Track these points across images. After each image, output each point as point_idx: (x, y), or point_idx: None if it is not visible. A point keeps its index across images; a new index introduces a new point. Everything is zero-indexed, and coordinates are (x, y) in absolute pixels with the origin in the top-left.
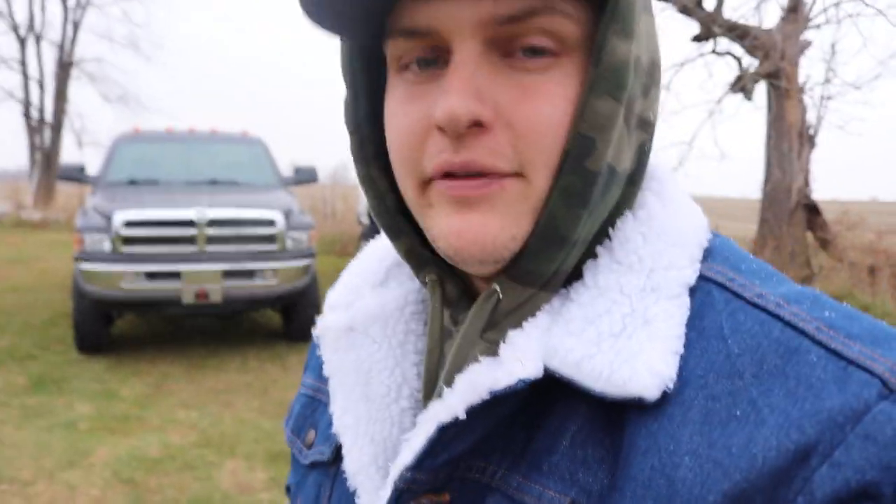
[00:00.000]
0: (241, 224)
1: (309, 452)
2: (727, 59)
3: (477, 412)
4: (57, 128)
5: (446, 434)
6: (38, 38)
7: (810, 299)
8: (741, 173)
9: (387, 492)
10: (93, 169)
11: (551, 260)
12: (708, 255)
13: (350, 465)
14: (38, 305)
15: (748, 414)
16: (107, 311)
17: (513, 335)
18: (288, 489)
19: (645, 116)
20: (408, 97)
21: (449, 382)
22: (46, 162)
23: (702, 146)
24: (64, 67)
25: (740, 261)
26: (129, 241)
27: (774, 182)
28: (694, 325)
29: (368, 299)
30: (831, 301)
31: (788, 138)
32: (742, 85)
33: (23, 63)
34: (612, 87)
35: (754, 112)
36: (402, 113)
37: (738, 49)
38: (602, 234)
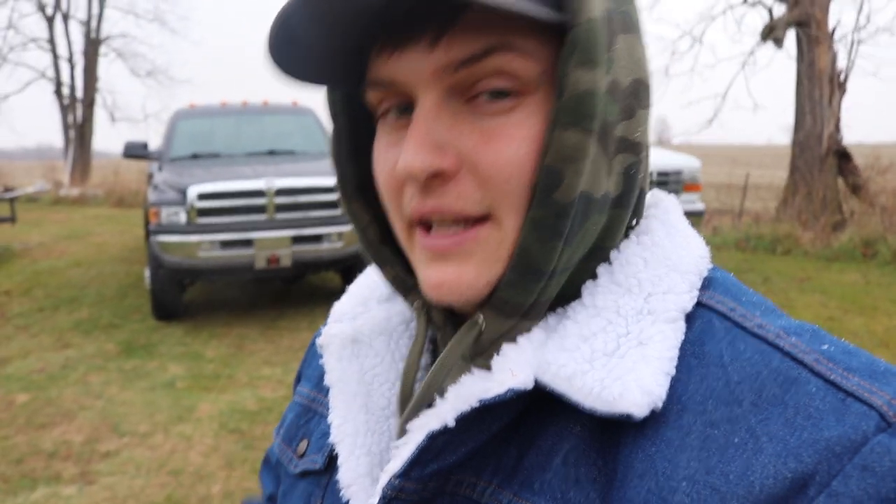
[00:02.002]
0: (306, 192)
1: (300, 462)
2: (758, 9)
3: (468, 422)
4: (89, 105)
5: (436, 443)
6: (65, 17)
7: (809, 332)
8: (770, 121)
9: (375, 499)
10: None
11: (528, 292)
12: (709, 285)
13: (345, 475)
14: (104, 278)
15: (746, 441)
16: (181, 280)
17: (506, 349)
18: (271, 499)
19: (630, 139)
20: (388, 144)
21: (436, 395)
22: (80, 139)
23: (736, 97)
24: (92, 45)
25: (741, 293)
26: (203, 212)
27: (806, 129)
28: (694, 351)
29: (375, 312)
30: (830, 336)
31: (819, 85)
32: (772, 33)
33: (51, 42)
34: (578, 118)
35: (787, 61)
36: (383, 159)
37: None
38: (604, 257)
